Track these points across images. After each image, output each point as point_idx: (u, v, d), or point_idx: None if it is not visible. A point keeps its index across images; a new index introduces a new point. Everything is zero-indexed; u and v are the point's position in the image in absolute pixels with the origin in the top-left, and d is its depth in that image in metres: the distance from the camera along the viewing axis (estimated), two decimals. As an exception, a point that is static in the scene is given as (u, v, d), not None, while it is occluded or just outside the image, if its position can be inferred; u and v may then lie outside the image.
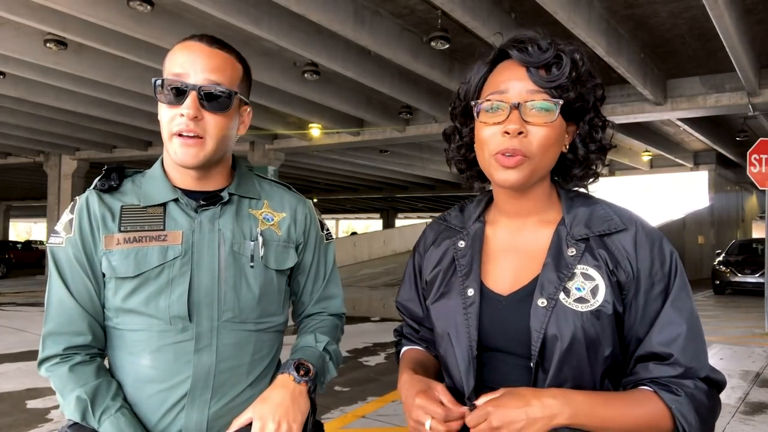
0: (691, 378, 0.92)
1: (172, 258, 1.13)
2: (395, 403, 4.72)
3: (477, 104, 1.00)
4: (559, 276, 0.95)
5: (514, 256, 1.03)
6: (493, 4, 7.17)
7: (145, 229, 1.14)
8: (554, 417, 0.87)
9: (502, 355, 0.99)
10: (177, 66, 1.12)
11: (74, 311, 1.13)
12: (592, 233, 0.98)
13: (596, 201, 1.04)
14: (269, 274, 1.21)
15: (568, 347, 0.92)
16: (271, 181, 1.34)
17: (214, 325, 1.14)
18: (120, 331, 1.15)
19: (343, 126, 13.19)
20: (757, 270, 13.31)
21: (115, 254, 1.13)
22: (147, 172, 1.23)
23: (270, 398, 1.12)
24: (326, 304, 1.36)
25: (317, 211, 1.37)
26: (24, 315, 10.22)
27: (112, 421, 1.07)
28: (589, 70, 1.00)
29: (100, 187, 1.18)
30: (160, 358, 1.12)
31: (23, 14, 7.16)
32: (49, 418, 4.40)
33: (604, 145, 1.04)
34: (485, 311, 1.00)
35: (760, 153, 8.21)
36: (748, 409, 4.67)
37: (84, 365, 1.12)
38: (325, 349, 1.27)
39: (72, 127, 14.00)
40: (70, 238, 1.15)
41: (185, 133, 1.11)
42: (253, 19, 7.03)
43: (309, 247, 1.31)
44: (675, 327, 0.93)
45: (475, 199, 1.16)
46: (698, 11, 7.25)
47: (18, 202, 35.52)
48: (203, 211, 1.18)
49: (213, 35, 1.19)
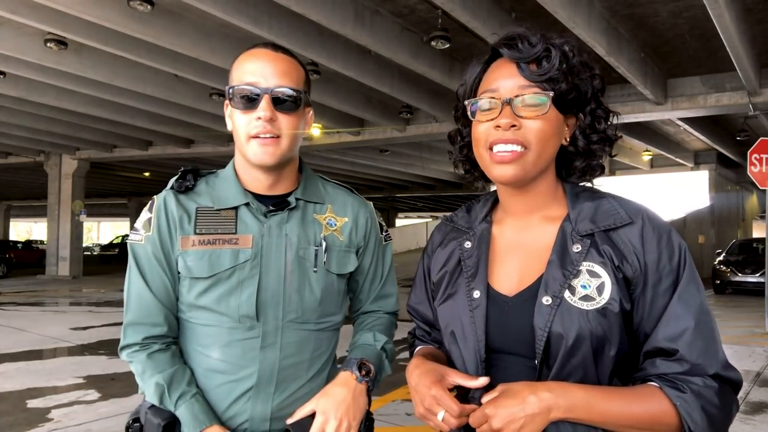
0: (699, 375, 0.89)
1: (243, 261, 1.20)
2: (395, 403, 4.72)
3: (470, 103, 1.01)
4: (564, 273, 0.94)
5: (519, 256, 1.02)
6: (493, 4, 7.18)
7: (219, 231, 1.21)
8: (551, 410, 0.87)
9: (510, 357, 0.98)
10: (248, 74, 1.18)
11: (152, 304, 1.21)
12: (597, 228, 0.96)
13: (602, 195, 1.02)
14: (330, 278, 1.27)
15: (573, 346, 0.90)
16: (335, 184, 1.40)
17: (279, 325, 1.21)
18: (192, 325, 1.23)
19: (344, 126, 13.19)
20: (757, 269, 13.30)
21: (191, 255, 1.20)
22: (220, 173, 1.30)
23: (333, 395, 1.19)
24: (382, 302, 1.42)
25: (377, 213, 1.43)
26: (24, 315, 10.22)
27: (187, 405, 1.15)
28: (584, 62, 1.00)
29: (177, 188, 1.25)
30: (228, 352, 1.20)
31: (23, 14, 7.16)
32: (50, 418, 4.40)
33: (609, 136, 1.03)
34: (491, 313, 0.99)
35: (761, 152, 8.20)
36: (748, 409, 4.67)
37: (161, 353, 1.21)
38: (383, 348, 1.33)
39: (72, 126, 14.00)
40: (149, 236, 1.22)
41: (262, 134, 1.17)
42: (253, 19, 7.03)
43: (369, 250, 1.37)
44: (682, 322, 0.90)
45: (481, 198, 1.16)
46: (698, 11, 7.25)
47: (18, 202, 35.57)
48: (272, 216, 1.24)
49: (275, 43, 1.26)
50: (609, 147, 1.04)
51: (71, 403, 4.80)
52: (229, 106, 1.23)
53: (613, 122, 1.04)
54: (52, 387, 5.31)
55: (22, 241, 31.20)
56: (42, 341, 7.56)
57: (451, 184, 26.69)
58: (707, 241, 19.24)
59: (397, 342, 1.39)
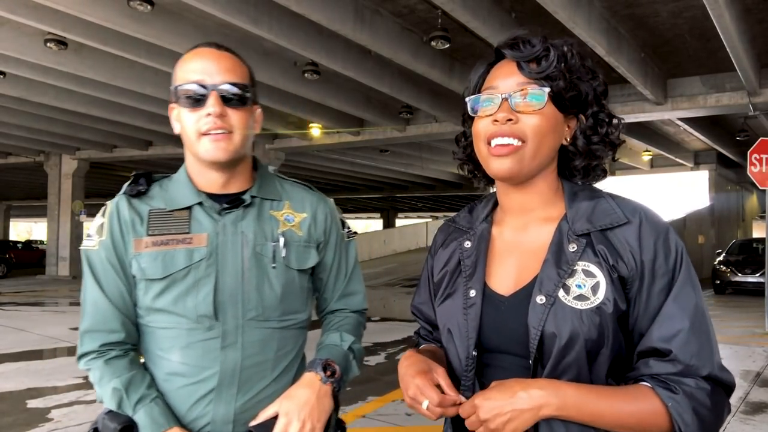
0: (691, 376, 0.89)
1: (198, 260, 1.19)
2: (395, 403, 4.72)
3: (471, 100, 1.04)
4: (558, 273, 0.94)
5: (517, 256, 1.03)
6: (493, 4, 7.17)
7: (172, 232, 1.20)
8: (541, 408, 0.87)
9: (505, 356, 0.99)
10: (192, 73, 1.18)
11: (108, 311, 1.20)
12: (593, 228, 0.96)
13: (601, 195, 1.02)
14: (291, 274, 1.26)
15: (566, 345, 0.90)
16: (293, 182, 1.38)
17: (239, 324, 1.20)
18: (151, 329, 1.22)
19: (343, 126, 13.19)
20: (757, 270, 13.29)
21: (144, 257, 1.19)
22: (173, 177, 1.29)
23: (297, 396, 1.17)
24: (348, 300, 1.41)
25: (338, 209, 1.42)
26: (24, 315, 10.22)
27: (146, 409, 1.14)
28: (585, 64, 1.01)
29: (129, 192, 1.23)
30: (188, 354, 1.18)
31: (23, 14, 7.16)
32: (50, 418, 4.41)
33: (612, 140, 1.04)
34: (487, 312, 1.00)
35: (761, 153, 8.20)
36: (748, 409, 4.67)
37: (118, 359, 1.19)
38: (350, 348, 1.31)
39: (72, 126, 14.00)
40: (102, 241, 1.21)
41: (213, 131, 1.17)
42: (253, 19, 7.03)
43: (330, 246, 1.35)
44: (676, 322, 0.90)
45: (483, 199, 1.17)
46: (698, 11, 7.25)
47: (18, 202, 35.54)
48: (226, 213, 1.23)
49: (218, 42, 1.25)
50: (612, 150, 1.05)
51: (71, 403, 4.81)
52: (175, 108, 1.22)
53: (618, 127, 1.05)
54: (52, 387, 5.31)
55: (22, 241, 31.21)
56: (42, 341, 7.56)
57: (451, 184, 26.68)
58: (707, 241, 19.23)
59: (397, 342, 1.38)
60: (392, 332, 8.48)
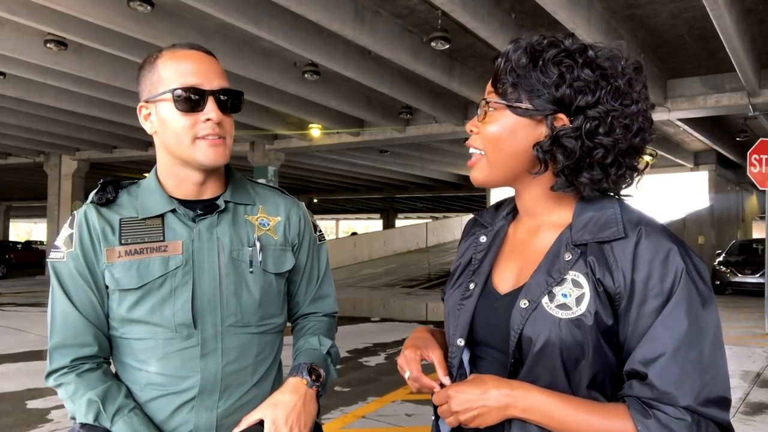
0: (669, 404, 0.84)
1: (174, 268, 1.17)
2: (395, 404, 4.72)
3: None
4: (547, 280, 0.94)
5: (523, 256, 1.04)
6: (493, 4, 7.17)
7: (146, 240, 1.17)
8: (508, 407, 0.90)
9: (491, 351, 1.02)
10: (188, 76, 1.15)
11: (79, 324, 1.16)
12: (592, 239, 0.94)
13: (610, 205, 0.97)
14: (268, 278, 1.25)
15: (540, 351, 0.91)
16: (264, 186, 1.38)
17: (218, 330, 1.18)
18: (126, 340, 1.18)
19: (343, 126, 13.19)
20: (757, 270, 13.29)
21: (118, 267, 1.16)
22: (142, 183, 1.26)
23: (283, 402, 1.16)
24: (321, 303, 1.40)
25: (310, 213, 1.42)
26: (24, 315, 10.22)
27: (125, 420, 1.11)
28: (546, 59, 0.94)
29: (97, 201, 1.20)
30: (167, 364, 1.16)
31: (23, 14, 7.16)
32: (50, 419, 4.40)
33: (605, 144, 0.93)
34: (482, 306, 1.03)
35: (761, 153, 8.20)
36: (748, 410, 4.67)
37: (92, 372, 1.16)
38: (328, 352, 1.31)
39: (72, 127, 14.00)
40: (71, 252, 1.17)
41: (211, 136, 1.16)
42: (253, 19, 7.03)
43: (303, 249, 1.35)
44: (658, 346, 0.86)
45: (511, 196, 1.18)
46: (698, 11, 7.26)
47: (18, 203, 35.54)
48: (201, 220, 1.21)
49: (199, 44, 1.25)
50: (615, 155, 0.95)
51: (71, 403, 4.80)
52: (149, 107, 1.19)
53: (622, 125, 0.93)
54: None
55: (22, 241, 31.21)
56: (42, 342, 7.55)
57: (451, 184, 26.68)
58: (707, 241, 19.23)
59: (397, 343, 1.38)
60: (392, 332, 8.48)
